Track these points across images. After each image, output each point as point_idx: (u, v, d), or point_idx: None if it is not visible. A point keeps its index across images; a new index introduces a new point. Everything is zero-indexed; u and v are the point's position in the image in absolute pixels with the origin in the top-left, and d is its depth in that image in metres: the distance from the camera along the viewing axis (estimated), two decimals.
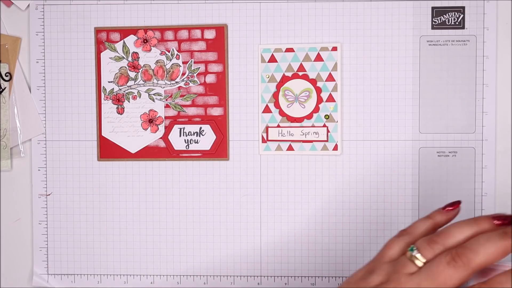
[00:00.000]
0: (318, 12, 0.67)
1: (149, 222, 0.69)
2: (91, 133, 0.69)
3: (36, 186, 0.70)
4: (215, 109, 0.68)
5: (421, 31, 0.66)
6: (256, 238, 0.68)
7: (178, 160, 0.69)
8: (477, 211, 0.67)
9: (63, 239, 0.70)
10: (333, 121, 0.67)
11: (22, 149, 0.70)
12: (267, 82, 0.67)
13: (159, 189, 0.69)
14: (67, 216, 0.70)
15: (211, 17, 0.68)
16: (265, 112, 0.68)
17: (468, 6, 0.66)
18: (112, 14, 0.69)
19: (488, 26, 0.66)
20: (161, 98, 0.68)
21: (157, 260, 0.69)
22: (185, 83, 0.68)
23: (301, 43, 0.67)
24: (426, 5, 0.66)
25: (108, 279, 0.70)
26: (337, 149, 0.67)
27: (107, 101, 0.69)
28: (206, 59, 0.68)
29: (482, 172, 0.67)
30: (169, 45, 0.68)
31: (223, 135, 0.68)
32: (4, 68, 0.69)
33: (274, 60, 0.67)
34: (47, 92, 0.69)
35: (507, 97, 0.67)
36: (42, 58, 0.69)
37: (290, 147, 0.68)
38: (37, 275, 0.70)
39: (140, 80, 0.69)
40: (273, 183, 0.68)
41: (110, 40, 0.69)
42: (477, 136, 0.67)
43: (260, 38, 0.68)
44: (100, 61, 0.69)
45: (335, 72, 0.67)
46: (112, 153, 0.69)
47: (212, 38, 0.68)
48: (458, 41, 0.66)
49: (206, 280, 0.69)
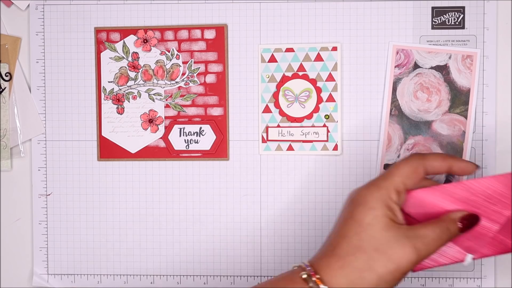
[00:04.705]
0: (318, 12, 0.67)
1: (149, 222, 0.69)
2: (91, 133, 0.69)
3: (36, 186, 0.70)
4: (215, 109, 0.68)
5: (421, 31, 0.66)
6: (256, 238, 0.68)
7: (178, 160, 0.69)
8: None
9: (63, 239, 0.70)
10: (333, 121, 0.67)
11: (22, 149, 0.70)
12: (267, 82, 0.67)
13: (159, 189, 0.69)
14: (67, 216, 0.70)
15: (211, 17, 0.68)
16: (265, 112, 0.68)
17: (468, 6, 0.66)
18: (112, 14, 0.69)
19: (488, 26, 0.66)
20: (161, 98, 0.68)
21: (157, 260, 0.69)
22: (185, 83, 0.68)
23: (301, 43, 0.67)
24: (426, 5, 0.66)
25: (108, 279, 0.70)
26: (337, 149, 0.67)
27: (107, 101, 0.69)
28: (206, 59, 0.68)
29: (482, 172, 0.67)
30: (169, 45, 0.68)
31: (223, 135, 0.68)
32: (4, 68, 0.69)
33: (274, 60, 0.67)
34: (47, 92, 0.69)
35: (507, 97, 0.67)
36: (42, 58, 0.69)
37: (290, 147, 0.68)
38: (37, 275, 0.70)
39: (140, 80, 0.69)
40: (273, 183, 0.68)
41: (110, 40, 0.69)
42: (477, 136, 0.67)
43: (260, 38, 0.68)
44: (100, 61, 0.69)
45: (335, 72, 0.67)
46: (112, 153, 0.69)
47: (212, 38, 0.68)
48: (458, 41, 0.66)
49: (206, 280, 0.69)
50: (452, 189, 0.53)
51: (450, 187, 0.53)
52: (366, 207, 0.51)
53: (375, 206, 0.51)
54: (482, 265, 0.67)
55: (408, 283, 0.67)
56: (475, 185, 0.53)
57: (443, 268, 0.67)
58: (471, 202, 0.53)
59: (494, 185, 0.53)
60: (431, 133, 0.67)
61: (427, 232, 0.51)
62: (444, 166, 0.54)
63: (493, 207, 0.53)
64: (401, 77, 0.67)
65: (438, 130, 0.67)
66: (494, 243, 0.54)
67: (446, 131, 0.67)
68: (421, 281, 0.67)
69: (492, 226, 0.53)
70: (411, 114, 0.67)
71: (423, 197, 0.53)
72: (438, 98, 0.66)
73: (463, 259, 0.54)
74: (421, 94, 0.67)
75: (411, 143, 0.67)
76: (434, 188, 0.53)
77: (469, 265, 0.66)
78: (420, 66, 0.66)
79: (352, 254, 0.50)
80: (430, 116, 0.67)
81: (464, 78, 0.66)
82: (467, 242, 0.54)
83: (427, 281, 0.67)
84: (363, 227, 0.50)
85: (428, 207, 0.53)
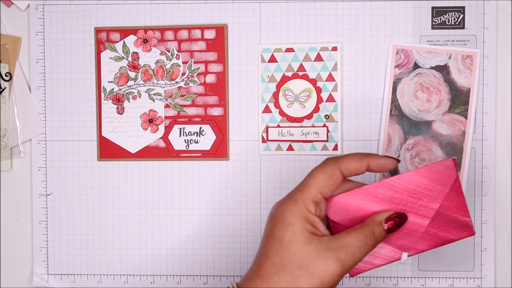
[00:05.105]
0: (318, 12, 0.67)
1: (149, 222, 0.69)
2: (91, 133, 0.69)
3: (36, 186, 0.70)
4: (215, 109, 0.68)
5: (421, 31, 0.66)
6: (256, 238, 0.68)
7: (178, 160, 0.69)
8: (477, 211, 0.67)
9: (63, 239, 0.70)
10: (333, 121, 0.67)
11: (22, 149, 0.70)
12: (267, 82, 0.68)
13: (159, 189, 0.69)
14: (67, 216, 0.70)
15: (211, 17, 0.68)
16: (265, 112, 0.68)
17: (468, 6, 0.66)
18: (112, 14, 0.69)
19: (488, 26, 0.66)
20: (161, 98, 0.68)
21: (157, 260, 0.69)
22: (185, 83, 0.68)
23: (301, 43, 0.67)
24: (426, 5, 0.66)
25: (108, 279, 0.70)
26: (337, 149, 0.67)
27: (107, 101, 0.69)
28: (206, 59, 0.68)
29: (482, 172, 0.67)
30: (169, 45, 0.68)
31: (223, 135, 0.68)
32: (4, 68, 0.69)
33: (274, 60, 0.67)
34: (47, 92, 0.69)
35: (507, 97, 0.67)
36: (42, 58, 0.69)
37: (290, 147, 0.68)
38: (37, 275, 0.70)
39: (140, 80, 0.69)
40: (273, 183, 0.68)
41: (110, 40, 0.69)
42: (477, 136, 0.67)
43: (260, 38, 0.68)
44: (100, 61, 0.69)
45: (335, 72, 0.67)
46: (112, 153, 0.69)
47: (212, 38, 0.68)
48: (458, 41, 0.66)
49: (206, 280, 0.69)
50: (374, 189, 0.51)
51: (372, 188, 0.51)
52: (284, 224, 0.49)
53: (293, 221, 0.49)
54: (482, 265, 0.67)
55: (408, 283, 0.67)
56: (397, 182, 0.51)
57: (444, 268, 0.67)
58: (396, 200, 0.51)
59: (416, 180, 0.51)
60: (431, 133, 0.67)
61: (350, 240, 0.49)
62: (361, 166, 0.51)
63: (419, 202, 0.51)
64: (401, 77, 0.67)
65: (438, 130, 0.67)
66: (428, 238, 0.52)
67: (446, 131, 0.67)
68: (421, 281, 0.67)
69: (422, 222, 0.52)
70: (411, 114, 0.67)
71: (347, 202, 0.51)
72: (438, 98, 0.66)
73: (399, 258, 0.53)
74: (421, 94, 0.67)
75: (411, 143, 0.67)
76: (356, 191, 0.52)
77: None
78: (420, 66, 0.66)
79: (276, 274, 0.48)
80: (430, 116, 0.67)
81: (464, 78, 0.66)
82: (399, 240, 0.52)
83: (427, 281, 0.67)
84: (284, 245, 0.49)
85: (353, 211, 0.52)
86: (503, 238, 0.67)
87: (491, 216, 0.67)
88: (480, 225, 0.67)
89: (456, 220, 0.52)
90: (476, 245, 0.67)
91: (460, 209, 0.52)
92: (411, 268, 0.67)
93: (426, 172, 0.51)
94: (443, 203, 0.52)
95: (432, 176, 0.51)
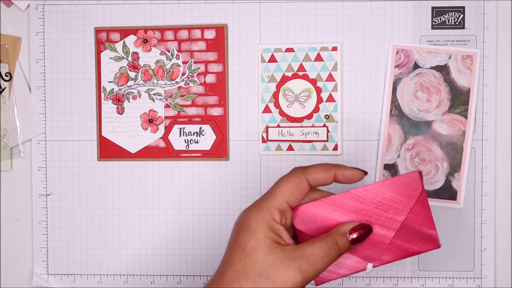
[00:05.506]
0: (318, 12, 0.67)
1: (149, 222, 0.69)
2: (91, 133, 0.69)
3: (36, 186, 0.70)
4: (215, 109, 0.68)
5: (421, 31, 0.66)
6: None
7: (178, 160, 0.69)
8: (477, 211, 0.67)
9: (63, 239, 0.70)
10: (333, 121, 0.67)
11: (22, 149, 0.70)
12: (267, 82, 0.68)
13: (159, 189, 0.69)
14: (67, 216, 0.70)
15: (211, 17, 0.68)
16: (265, 112, 0.68)
17: (468, 6, 0.66)
18: (112, 14, 0.69)
19: (488, 26, 0.66)
20: (161, 98, 0.68)
21: (157, 260, 0.69)
22: (185, 83, 0.68)
23: (301, 43, 0.67)
24: (426, 5, 0.66)
25: (108, 279, 0.70)
26: (337, 149, 0.67)
27: (107, 101, 0.69)
28: (206, 59, 0.68)
29: (482, 172, 0.67)
30: (169, 45, 0.68)
31: (223, 135, 0.68)
32: (4, 68, 0.69)
33: (274, 60, 0.67)
34: (47, 92, 0.69)
35: (507, 97, 0.67)
36: (42, 58, 0.69)
37: (290, 147, 0.68)
38: (37, 275, 0.70)
39: (140, 80, 0.69)
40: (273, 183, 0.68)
41: (110, 40, 0.69)
42: (477, 136, 0.67)
43: (260, 38, 0.68)
44: (100, 61, 0.69)
45: (335, 72, 0.67)
46: (112, 153, 0.69)
47: (212, 38, 0.68)
48: (458, 41, 0.66)
49: (206, 280, 0.69)
50: (340, 199, 0.52)
51: (338, 198, 0.52)
52: (248, 231, 0.50)
53: (257, 229, 0.49)
54: (482, 265, 0.67)
55: (408, 283, 0.67)
56: (363, 193, 0.51)
57: (444, 268, 0.67)
58: (362, 211, 0.52)
59: (382, 191, 0.51)
60: (431, 133, 0.67)
61: (313, 250, 0.49)
62: (328, 176, 0.51)
63: (385, 213, 0.52)
64: (401, 77, 0.67)
65: (438, 130, 0.67)
66: (393, 249, 0.53)
67: (446, 131, 0.67)
68: (421, 281, 0.67)
69: (387, 233, 0.52)
70: (411, 114, 0.67)
71: (313, 212, 0.52)
72: (438, 98, 0.66)
73: (365, 268, 0.53)
74: (421, 94, 0.67)
75: (411, 143, 0.67)
76: (323, 201, 0.52)
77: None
78: (420, 66, 0.66)
79: (238, 281, 0.49)
80: (430, 116, 0.67)
81: (464, 78, 0.66)
82: (365, 251, 0.52)
83: (427, 281, 0.67)
84: (247, 253, 0.49)
85: (319, 221, 0.52)
86: (503, 238, 0.67)
87: (491, 216, 0.67)
88: (480, 225, 0.67)
89: (421, 232, 0.53)
90: (476, 245, 0.67)
91: (425, 222, 0.52)
92: (411, 268, 0.67)
93: (392, 184, 0.52)
94: (409, 216, 0.52)
95: (398, 188, 0.52)
